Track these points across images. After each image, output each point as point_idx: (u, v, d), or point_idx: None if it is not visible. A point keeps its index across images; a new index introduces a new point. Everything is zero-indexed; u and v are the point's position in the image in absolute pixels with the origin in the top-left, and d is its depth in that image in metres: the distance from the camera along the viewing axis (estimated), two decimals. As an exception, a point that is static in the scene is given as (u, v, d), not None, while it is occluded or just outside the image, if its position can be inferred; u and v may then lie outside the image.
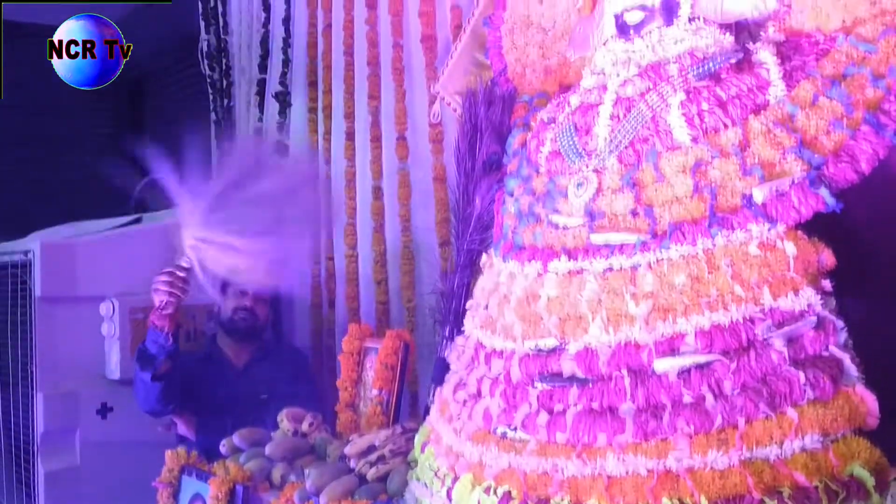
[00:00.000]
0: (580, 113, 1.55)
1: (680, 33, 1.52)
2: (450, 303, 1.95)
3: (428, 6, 2.77)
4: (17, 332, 2.65)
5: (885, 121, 1.31)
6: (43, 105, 5.55)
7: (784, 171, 1.35)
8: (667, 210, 1.39)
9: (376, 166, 2.95)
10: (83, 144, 5.88)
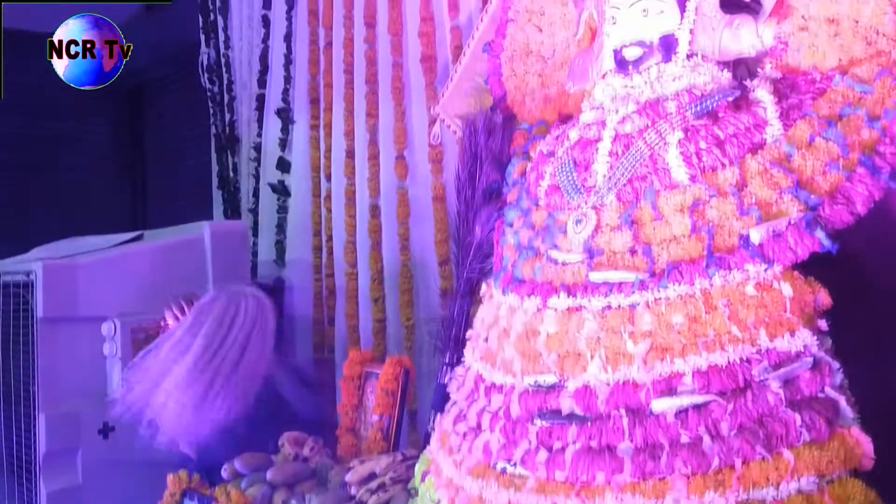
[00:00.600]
0: (579, 148, 1.57)
1: (678, 70, 1.54)
2: (450, 329, 1.97)
3: (428, 27, 2.79)
4: (18, 352, 2.66)
5: (881, 163, 1.33)
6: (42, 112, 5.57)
7: (781, 212, 1.36)
8: (665, 249, 1.40)
9: (374, 184, 2.97)
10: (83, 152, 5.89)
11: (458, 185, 1.98)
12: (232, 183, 3.77)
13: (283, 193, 3.35)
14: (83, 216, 5.71)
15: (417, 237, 2.86)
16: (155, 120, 6.05)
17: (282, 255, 3.35)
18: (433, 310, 2.78)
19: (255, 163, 3.51)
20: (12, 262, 2.80)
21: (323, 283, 3.20)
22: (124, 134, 6.16)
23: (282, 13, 3.42)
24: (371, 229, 2.95)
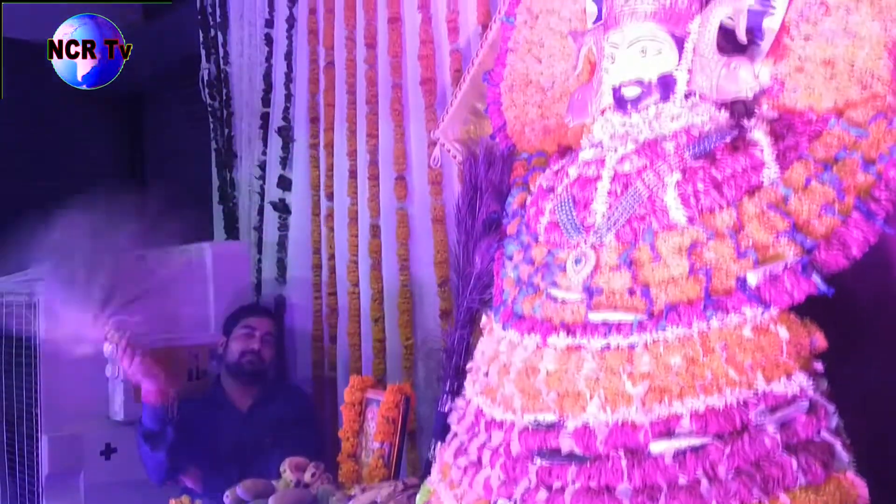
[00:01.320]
0: (579, 186, 1.59)
1: (676, 109, 1.56)
2: (450, 358, 1.99)
3: (427, 49, 2.81)
4: (21, 374, 2.68)
5: (875, 208, 1.35)
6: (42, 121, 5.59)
7: (777, 255, 1.38)
8: (663, 290, 1.42)
9: (374, 204, 2.99)
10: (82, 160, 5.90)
11: (458, 216, 2.00)
12: (231, 199, 3.78)
13: (284, 211, 3.36)
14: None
15: (417, 258, 2.88)
16: (155, 129, 6.07)
17: (283, 273, 3.37)
18: (432, 330, 2.81)
19: (260, 181, 3.53)
20: (14, 283, 2.81)
21: (324, 302, 3.22)
22: (124, 143, 6.17)
23: (283, 31, 3.43)
24: (372, 249, 2.97)
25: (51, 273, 2.18)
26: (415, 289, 2.88)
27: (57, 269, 2.17)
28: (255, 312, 2.72)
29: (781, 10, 1.55)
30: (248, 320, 2.64)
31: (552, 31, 1.97)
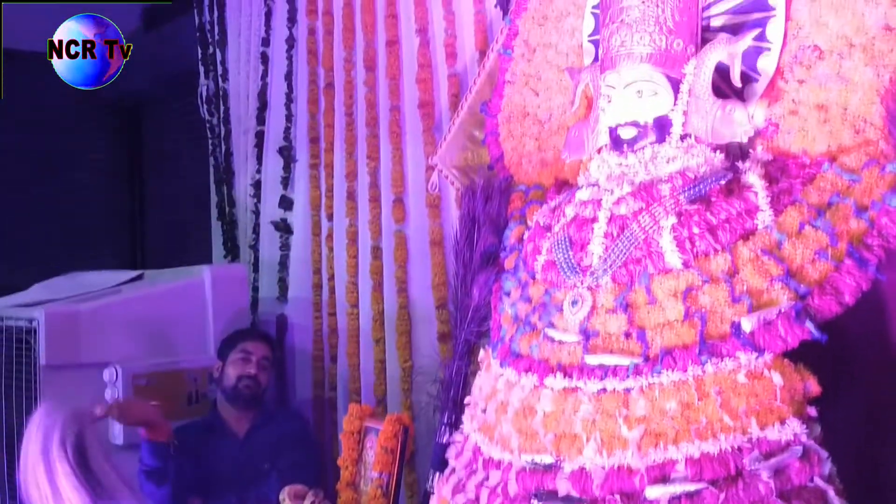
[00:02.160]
0: (575, 227, 1.60)
1: (672, 151, 1.58)
2: (448, 390, 2.00)
3: (425, 73, 2.82)
4: (21, 398, 2.69)
5: (868, 256, 1.36)
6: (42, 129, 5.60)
7: (771, 300, 1.40)
8: (658, 334, 1.44)
9: (375, 226, 3.00)
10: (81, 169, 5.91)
11: (456, 248, 2.01)
12: (230, 216, 3.79)
13: (286, 231, 3.38)
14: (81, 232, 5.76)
15: (415, 280, 2.89)
16: (154, 138, 6.08)
17: (284, 293, 3.38)
18: (431, 353, 2.82)
19: (255, 199, 3.54)
20: (14, 307, 2.82)
21: (324, 322, 3.23)
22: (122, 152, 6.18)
23: (282, 52, 3.44)
24: (372, 271, 2.99)
25: None
26: (413, 311, 2.89)
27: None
28: (251, 336, 2.73)
29: (776, 52, 1.57)
30: (245, 344, 2.65)
31: (549, 64, 1.99)
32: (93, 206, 5.93)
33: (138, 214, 6.18)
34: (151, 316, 2.76)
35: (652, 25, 1.57)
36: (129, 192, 6.21)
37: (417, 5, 2.83)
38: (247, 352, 2.62)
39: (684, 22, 1.59)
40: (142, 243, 6.15)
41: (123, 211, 6.15)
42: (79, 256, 5.73)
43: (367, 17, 3.03)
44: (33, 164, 5.59)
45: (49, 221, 5.64)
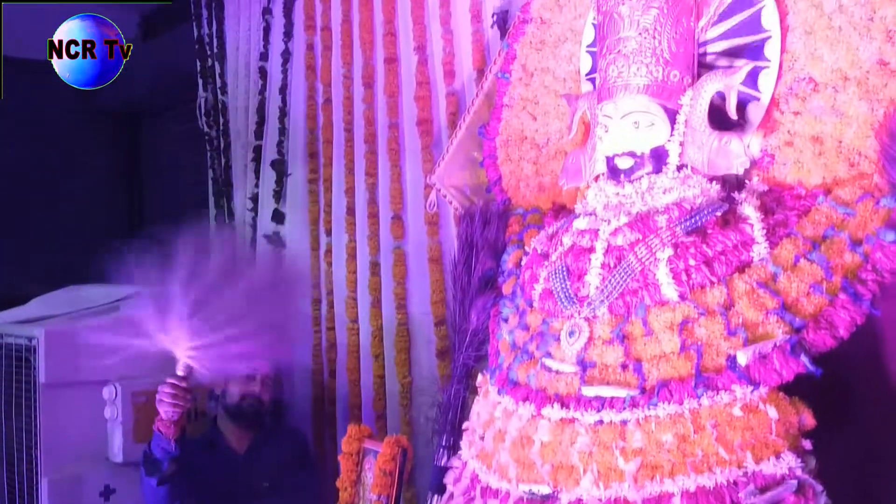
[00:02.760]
0: (573, 256, 1.61)
1: (669, 182, 1.59)
2: (446, 413, 2.01)
3: (423, 91, 2.83)
4: (20, 415, 2.70)
5: (862, 290, 1.38)
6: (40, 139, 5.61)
7: (767, 333, 1.41)
8: (655, 366, 1.45)
9: (373, 242, 3.01)
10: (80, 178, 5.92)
11: (455, 273, 2.02)
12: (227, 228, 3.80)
13: (278, 245, 3.39)
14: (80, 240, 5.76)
15: (414, 296, 2.90)
16: (152, 147, 6.09)
17: (280, 307, 3.38)
18: (430, 369, 2.83)
19: (253, 213, 3.55)
20: (14, 324, 2.83)
21: (323, 336, 3.24)
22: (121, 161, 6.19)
23: (277, 66, 3.45)
24: (371, 287, 3.00)
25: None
26: (412, 327, 2.91)
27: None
28: None
29: (771, 83, 1.58)
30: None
31: (547, 89, 2.00)
32: (91, 214, 5.93)
33: (137, 223, 6.19)
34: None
35: (649, 57, 1.59)
36: (128, 200, 6.22)
37: (416, 23, 2.84)
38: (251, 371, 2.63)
39: (681, 53, 1.61)
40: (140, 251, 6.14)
41: (122, 219, 6.16)
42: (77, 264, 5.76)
43: (365, 34, 3.04)
44: (31, 172, 5.59)
45: (47, 229, 5.65)
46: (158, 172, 6.01)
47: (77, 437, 2.67)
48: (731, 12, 1.65)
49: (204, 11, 3.92)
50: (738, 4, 1.64)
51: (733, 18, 1.65)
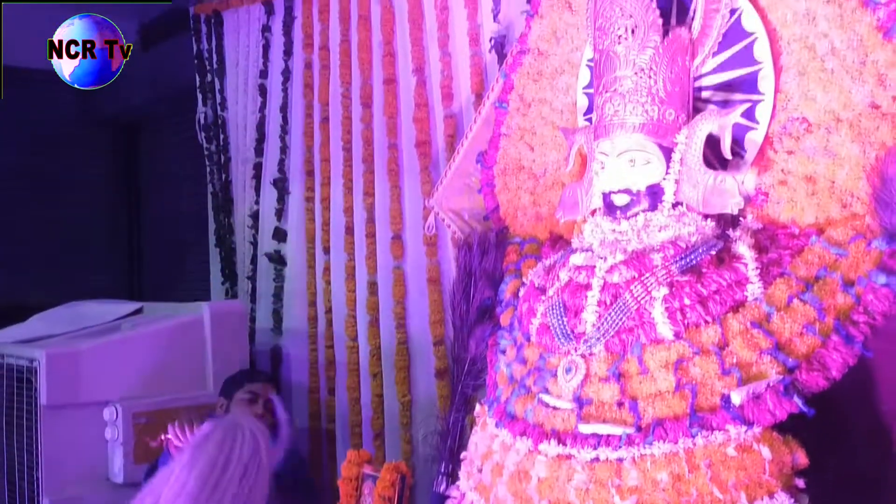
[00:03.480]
0: (569, 293, 1.63)
1: (664, 220, 1.61)
2: (445, 440, 2.04)
3: (422, 113, 2.85)
4: (21, 436, 2.71)
5: (854, 332, 1.40)
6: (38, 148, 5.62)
7: (760, 373, 1.43)
8: (650, 405, 1.47)
9: (371, 262, 3.03)
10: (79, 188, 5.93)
11: (454, 301, 2.05)
12: (228, 243, 3.82)
13: (280, 263, 3.41)
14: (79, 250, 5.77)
15: (413, 316, 2.92)
16: (152, 157, 6.10)
17: (278, 324, 3.41)
18: (428, 389, 2.86)
19: (253, 230, 3.57)
20: (15, 345, 2.85)
21: (321, 354, 3.26)
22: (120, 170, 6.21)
23: (278, 83, 3.47)
24: (369, 306, 3.02)
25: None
26: (411, 346, 2.93)
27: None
28: (257, 377, 2.76)
29: (765, 122, 1.60)
30: (252, 386, 2.67)
31: (544, 120, 2.02)
32: (90, 223, 5.95)
33: (136, 232, 6.20)
34: (151, 354, 2.78)
35: (644, 96, 1.61)
36: (127, 209, 6.23)
37: (414, 45, 2.86)
38: (254, 393, 2.65)
39: (676, 92, 1.63)
40: (139, 261, 6.17)
41: (121, 229, 6.18)
42: (76, 274, 5.77)
43: (363, 54, 3.06)
44: (30, 182, 5.61)
45: (47, 239, 5.67)
46: (157, 181, 6.02)
47: (78, 458, 2.68)
48: (725, 45, 1.67)
49: (203, 27, 3.93)
50: (730, 38, 1.66)
51: (726, 52, 1.67)
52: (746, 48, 1.64)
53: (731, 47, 1.66)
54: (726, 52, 1.67)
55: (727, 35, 1.66)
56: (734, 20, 1.65)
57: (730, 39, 1.66)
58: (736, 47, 1.66)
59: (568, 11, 1.96)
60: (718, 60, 1.68)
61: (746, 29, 1.63)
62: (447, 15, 2.74)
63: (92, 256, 5.94)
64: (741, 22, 1.64)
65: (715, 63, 1.69)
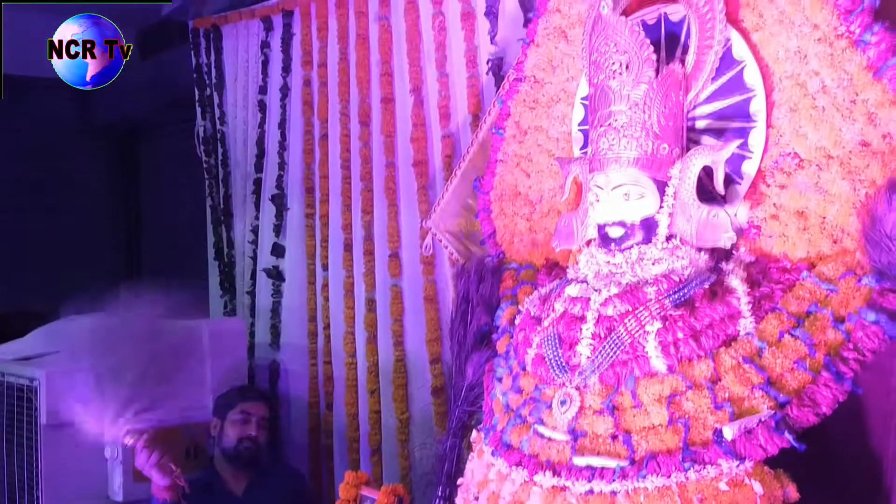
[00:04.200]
0: (564, 325, 1.65)
1: (658, 253, 1.63)
2: (442, 464, 2.06)
3: (419, 132, 2.88)
4: (22, 454, 2.73)
5: (844, 369, 1.42)
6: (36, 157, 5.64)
7: (752, 408, 1.45)
8: (644, 438, 1.49)
9: (370, 279, 3.05)
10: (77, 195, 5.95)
11: (451, 328, 2.07)
12: (227, 256, 3.84)
13: (278, 278, 3.43)
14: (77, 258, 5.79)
15: (411, 333, 2.95)
16: (150, 165, 6.12)
17: (276, 339, 3.43)
18: (425, 407, 2.88)
19: (253, 245, 3.59)
20: (15, 363, 2.87)
21: (319, 369, 3.28)
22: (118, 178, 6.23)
23: (276, 100, 3.50)
24: (367, 323, 3.04)
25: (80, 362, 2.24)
26: (409, 364, 2.95)
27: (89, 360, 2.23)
28: (250, 397, 2.77)
29: (757, 157, 1.62)
30: (245, 405, 2.69)
31: (540, 148, 2.04)
32: (89, 231, 5.97)
33: (135, 239, 6.22)
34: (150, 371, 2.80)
35: (639, 131, 1.63)
36: (126, 217, 6.26)
37: (411, 65, 2.88)
38: (246, 413, 2.67)
39: (670, 126, 1.65)
40: (138, 269, 6.19)
41: (120, 236, 6.20)
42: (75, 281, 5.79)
43: (361, 72, 3.08)
44: (29, 189, 5.63)
45: (45, 246, 5.69)
46: (156, 188, 6.05)
47: (78, 477, 2.70)
48: (716, 75, 1.69)
49: (202, 41, 3.96)
50: (721, 68, 1.68)
51: (718, 80, 1.69)
52: (737, 76, 1.66)
53: (722, 75, 1.68)
54: (718, 80, 1.69)
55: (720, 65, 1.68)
56: (725, 50, 1.66)
57: (720, 69, 1.68)
58: (727, 75, 1.67)
59: (564, 41, 1.99)
60: (710, 90, 1.70)
61: (736, 57, 1.65)
62: (444, 36, 2.76)
63: (91, 263, 5.97)
64: (731, 52, 1.66)
65: (707, 93, 1.71)
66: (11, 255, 5.52)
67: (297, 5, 3.37)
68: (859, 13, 1.49)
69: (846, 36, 1.50)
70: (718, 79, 1.68)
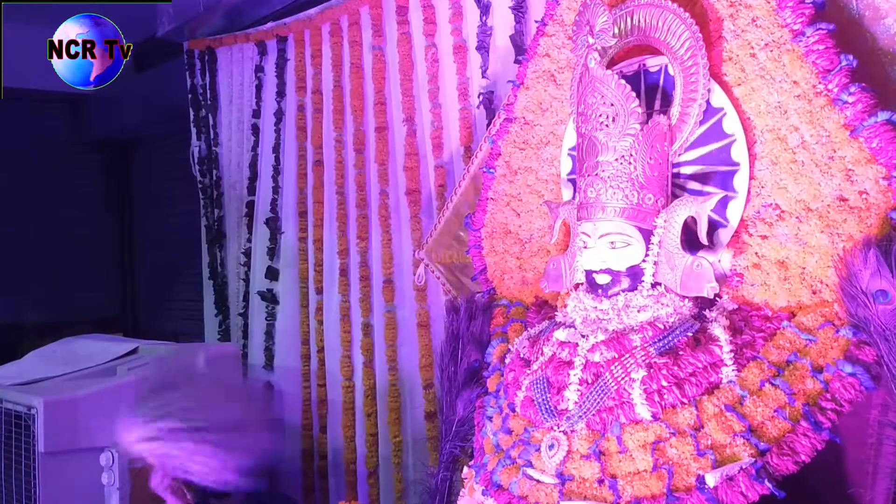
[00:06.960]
0: (553, 369, 1.70)
1: (643, 300, 1.68)
2: (434, 497, 2.10)
3: (412, 162, 2.92)
4: (20, 480, 2.76)
5: (822, 419, 1.47)
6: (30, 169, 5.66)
7: (734, 455, 1.50)
8: (629, 484, 1.54)
9: (365, 304, 3.10)
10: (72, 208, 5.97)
11: (442, 364, 2.11)
12: (220, 277, 3.88)
13: (272, 301, 3.47)
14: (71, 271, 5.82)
15: (405, 358, 2.99)
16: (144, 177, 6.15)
17: (270, 361, 3.47)
18: (418, 431, 2.92)
19: (245, 267, 3.63)
20: (12, 388, 2.90)
21: (313, 392, 3.32)
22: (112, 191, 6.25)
23: (270, 124, 3.54)
24: (363, 347, 3.09)
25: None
26: (402, 388, 3.00)
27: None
28: None
29: (742, 197, 1.67)
30: None
31: (530, 188, 2.09)
32: (83, 244, 6.00)
33: (129, 253, 6.25)
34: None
35: (625, 181, 1.67)
36: (120, 230, 6.28)
37: (405, 95, 2.93)
38: None
39: (655, 177, 1.69)
40: (132, 282, 6.22)
41: (114, 249, 6.22)
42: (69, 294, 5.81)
43: (356, 100, 3.12)
44: (23, 202, 5.65)
45: (39, 260, 5.71)
46: (150, 202, 6.07)
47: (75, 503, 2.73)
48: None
49: (197, 62, 3.99)
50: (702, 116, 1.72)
51: (699, 129, 1.73)
52: (716, 124, 1.70)
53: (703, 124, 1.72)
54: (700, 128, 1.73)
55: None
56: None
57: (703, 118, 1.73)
58: (708, 123, 1.72)
59: (553, 84, 2.03)
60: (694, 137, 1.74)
61: (715, 105, 1.69)
62: (437, 68, 2.81)
63: (85, 277, 5.99)
64: (710, 101, 1.70)
65: (691, 140, 1.75)
66: (4, 268, 5.54)
67: (291, 31, 3.41)
68: (837, 72, 1.54)
69: (825, 94, 1.55)
70: (699, 127, 1.73)
